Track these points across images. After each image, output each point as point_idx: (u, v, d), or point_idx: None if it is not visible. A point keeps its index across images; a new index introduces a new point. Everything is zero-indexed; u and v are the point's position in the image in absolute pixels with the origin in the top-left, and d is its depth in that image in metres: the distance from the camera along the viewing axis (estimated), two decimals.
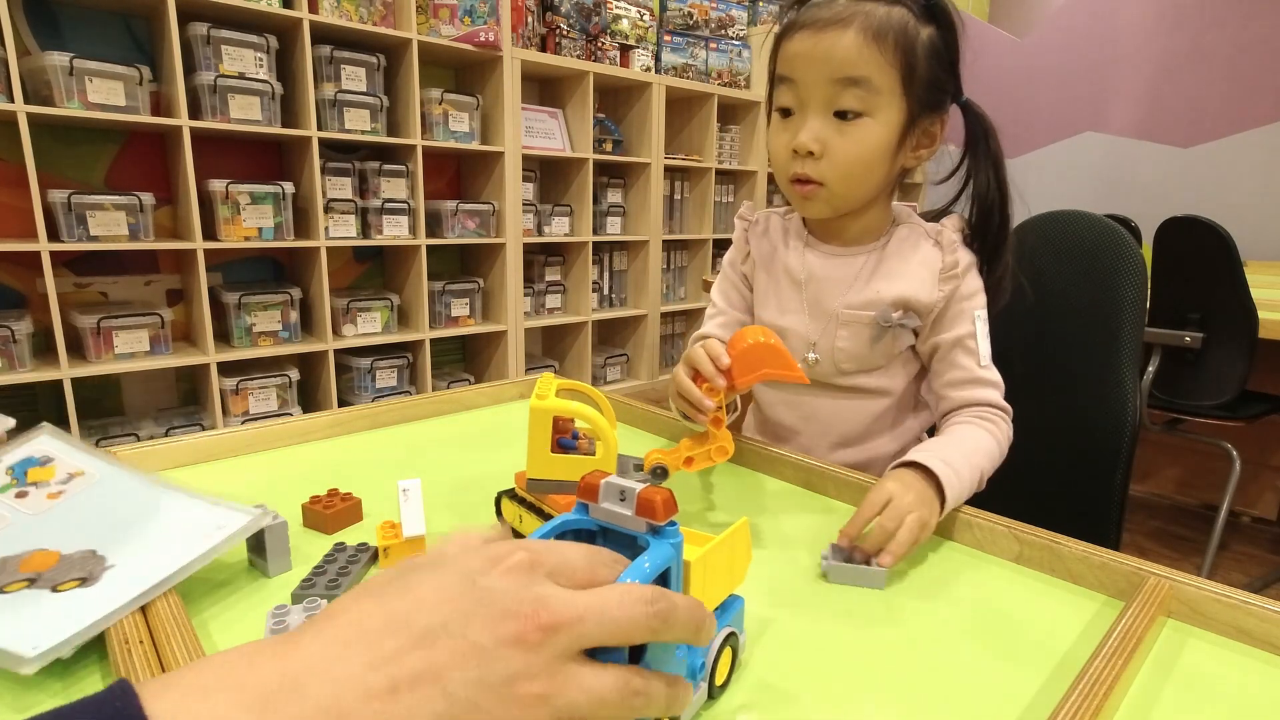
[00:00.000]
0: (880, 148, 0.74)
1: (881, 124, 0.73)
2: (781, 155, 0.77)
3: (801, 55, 0.73)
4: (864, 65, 0.71)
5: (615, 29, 2.93)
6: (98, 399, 2.11)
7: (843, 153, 0.73)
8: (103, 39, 1.99)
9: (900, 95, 0.73)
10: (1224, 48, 3.19)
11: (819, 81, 0.72)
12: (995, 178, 0.79)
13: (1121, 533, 0.90)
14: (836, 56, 0.71)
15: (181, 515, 0.56)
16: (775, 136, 0.78)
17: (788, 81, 0.75)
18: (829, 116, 0.73)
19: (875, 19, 0.71)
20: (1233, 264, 1.75)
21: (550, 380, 0.64)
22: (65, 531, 0.52)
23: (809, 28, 0.72)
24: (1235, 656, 0.49)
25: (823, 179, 0.74)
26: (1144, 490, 2.51)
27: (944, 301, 0.77)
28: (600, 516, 0.38)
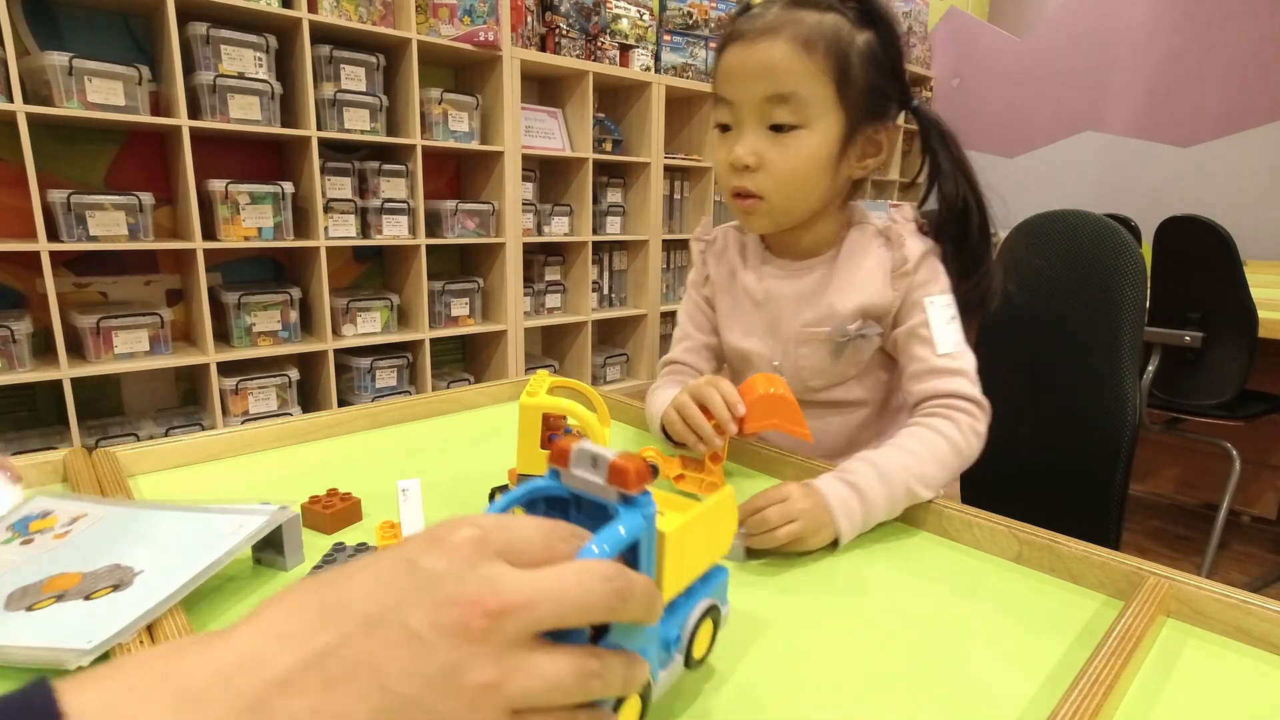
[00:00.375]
0: (818, 159, 0.72)
1: (818, 134, 0.71)
2: (723, 170, 0.76)
3: (734, 71, 0.72)
4: (794, 78, 0.69)
5: (615, 28, 2.93)
6: (97, 399, 2.11)
7: (779, 166, 0.72)
8: (102, 39, 1.99)
9: (836, 105, 0.71)
10: (1224, 48, 3.19)
11: (751, 98, 0.71)
12: (964, 182, 0.76)
13: (1121, 532, 0.90)
14: (766, 70, 0.69)
15: (197, 525, 0.56)
16: (717, 151, 0.78)
17: (723, 100, 0.74)
18: (764, 130, 0.72)
19: (805, 28, 0.69)
20: (1232, 263, 1.75)
21: (543, 378, 0.65)
22: (82, 556, 0.51)
23: (741, 39, 0.71)
24: (1235, 656, 0.49)
25: (762, 192, 0.73)
26: (1144, 490, 2.51)
27: (900, 299, 0.75)
28: (571, 484, 0.36)
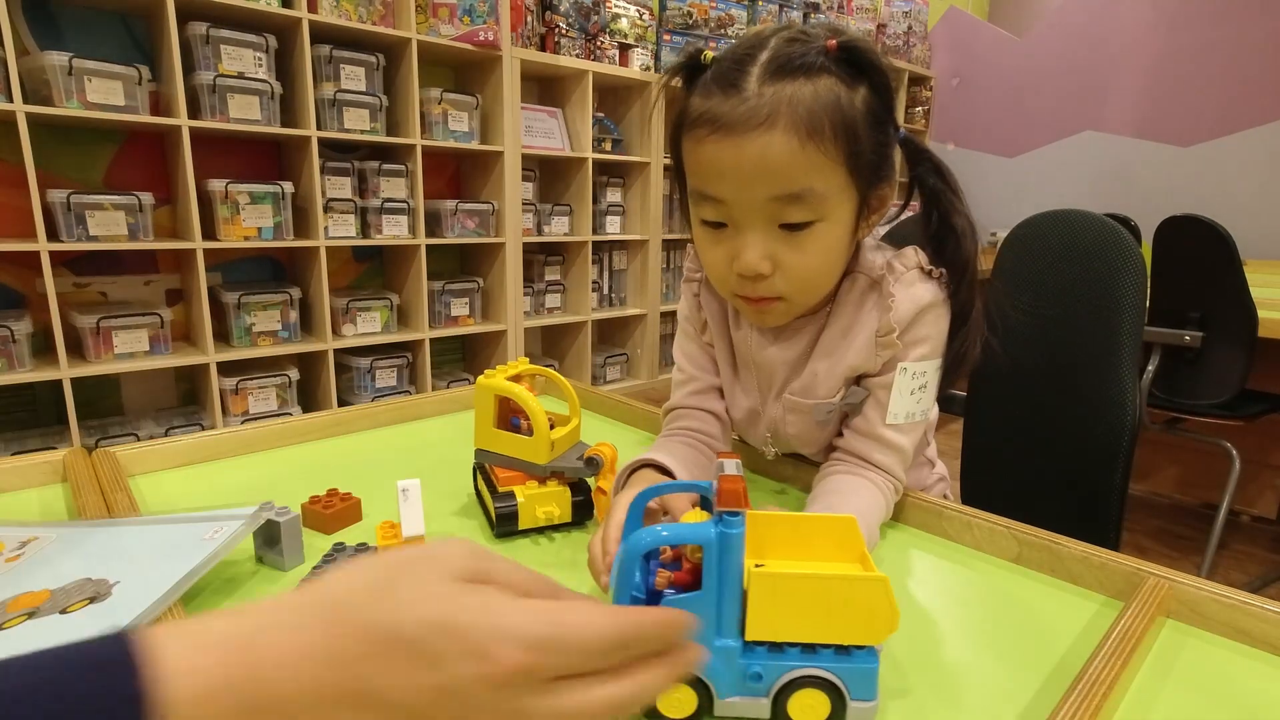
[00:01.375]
0: (838, 246, 0.62)
1: (836, 223, 0.61)
2: (720, 270, 0.64)
3: (725, 171, 0.59)
4: (806, 174, 0.58)
5: (614, 28, 2.93)
6: (97, 399, 2.11)
7: (798, 266, 0.61)
8: (102, 39, 1.99)
9: (850, 185, 0.60)
10: (1224, 47, 3.19)
11: (752, 201, 0.59)
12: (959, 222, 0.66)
13: (1121, 531, 0.90)
14: (769, 170, 0.57)
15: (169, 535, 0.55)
16: (708, 250, 0.64)
17: (709, 199, 0.61)
18: (773, 229, 0.60)
19: (803, 107, 0.56)
20: (1232, 263, 1.75)
21: (517, 364, 0.68)
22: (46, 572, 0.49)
23: (723, 131, 0.58)
24: (1234, 657, 0.49)
25: (778, 294, 0.63)
26: (1144, 489, 2.51)
27: (880, 362, 0.67)
28: None
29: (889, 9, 4.04)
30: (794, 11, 3.55)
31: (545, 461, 0.63)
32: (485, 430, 0.66)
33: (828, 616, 0.39)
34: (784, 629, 0.40)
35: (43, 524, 0.57)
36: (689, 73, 0.64)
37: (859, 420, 0.69)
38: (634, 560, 0.40)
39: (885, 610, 0.39)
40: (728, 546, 0.38)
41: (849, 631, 0.40)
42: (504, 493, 0.63)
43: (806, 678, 0.40)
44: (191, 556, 0.50)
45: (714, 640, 0.40)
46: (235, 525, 0.54)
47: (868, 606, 0.39)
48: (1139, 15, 3.42)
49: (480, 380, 0.65)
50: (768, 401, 0.73)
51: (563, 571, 0.58)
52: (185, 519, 0.57)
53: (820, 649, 0.40)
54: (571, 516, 0.65)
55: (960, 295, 0.66)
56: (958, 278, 0.66)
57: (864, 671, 0.40)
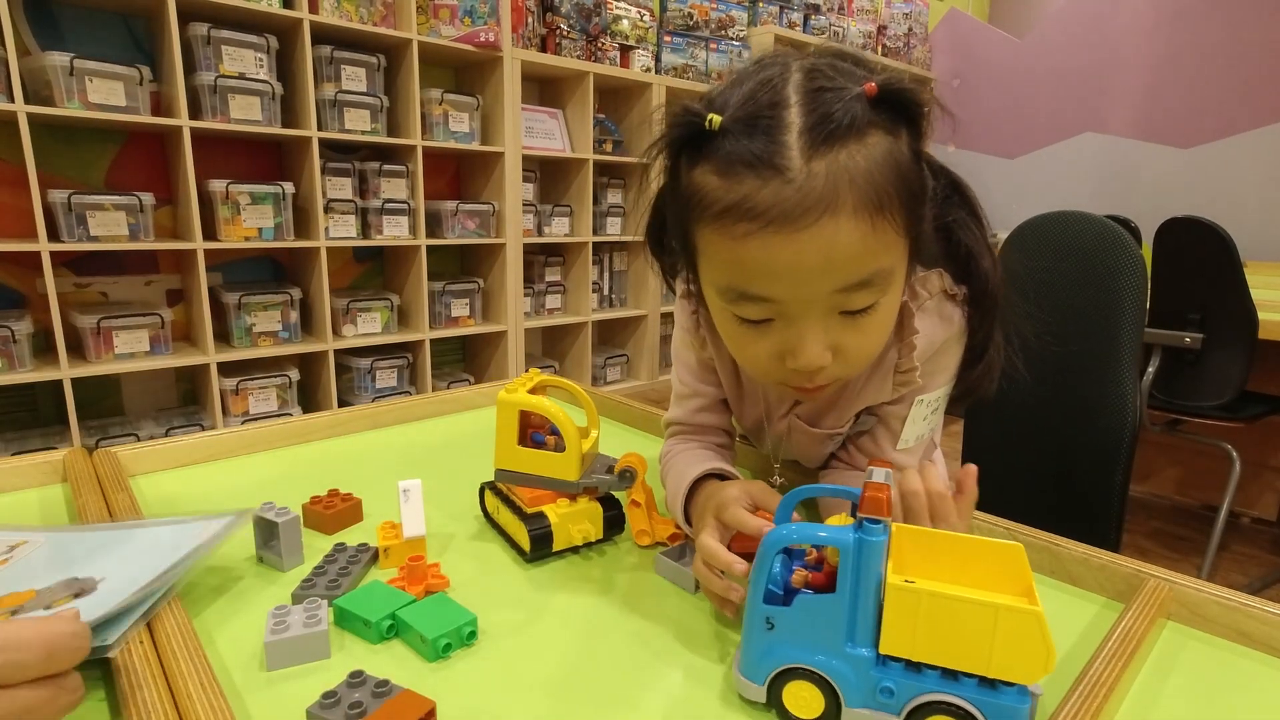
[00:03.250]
0: (894, 312, 0.55)
1: (895, 293, 0.54)
2: (761, 363, 0.55)
3: (779, 271, 0.49)
4: (876, 257, 0.49)
5: (615, 29, 2.93)
6: (98, 399, 2.11)
7: (860, 349, 0.53)
8: (103, 39, 1.99)
9: (908, 247, 0.53)
10: (1224, 48, 3.20)
11: (815, 296, 0.50)
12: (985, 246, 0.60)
13: (1121, 533, 0.90)
14: (835, 263, 0.48)
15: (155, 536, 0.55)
16: (746, 344, 0.55)
17: (754, 299, 0.51)
18: (834, 318, 0.51)
19: (862, 180, 0.47)
20: (1233, 264, 1.75)
21: (531, 376, 0.64)
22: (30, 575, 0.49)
23: (772, 224, 0.47)
24: (1235, 659, 0.49)
25: (834, 376, 0.55)
26: (1144, 490, 2.51)
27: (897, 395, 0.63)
28: None
29: (889, 10, 4.05)
30: (794, 13, 3.55)
31: (578, 478, 0.60)
32: (508, 449, 0.60)
33: (971, 644, 0.37)
34: (921, 649, 0.38)
35: (32, 528, 0.57)
36: (686, 142, 0.51)
37: (868, 442, 0.66)
38: (772, 553, 0.41)
39: (1038, 647, 0.36)
40: (865, 553, 0.39)
41: (994, 664, 0.37)
42: (534, 514, 0.59)
43: (943, 704, 0.38)
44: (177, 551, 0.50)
45: (845, 647, 0.40)
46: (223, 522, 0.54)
47: (1017, 640, 0.36)
48: (1139, 17, 3.42)
49: (502, 396, 0.60)
50: (773, 419, 0.70)
51: (598, 593, 0.56)
52: (177, 521, 0.57)
53: (964, 677, 0.38)
54: (604, 533, 0.62)
55: (980, 329, 0.61)
56: (979, 311, 0.60)
57: (1009, 710, 0.37)
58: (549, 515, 0.59)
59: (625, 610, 0.53)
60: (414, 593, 0.52)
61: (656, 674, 0.46)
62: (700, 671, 0.46)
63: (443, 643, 0.46)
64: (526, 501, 0.61)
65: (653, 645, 0.49)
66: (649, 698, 0.44)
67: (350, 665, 0.43)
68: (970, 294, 0.60)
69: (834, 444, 0.69)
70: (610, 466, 0.63)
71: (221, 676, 0.42)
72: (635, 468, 0.62)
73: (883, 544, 0.39)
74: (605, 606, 0.54)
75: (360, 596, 0.50)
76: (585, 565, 0.60)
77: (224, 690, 0.39)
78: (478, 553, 0.62)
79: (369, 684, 0.41)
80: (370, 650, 0.47)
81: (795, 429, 0.68)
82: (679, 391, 0.73)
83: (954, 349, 0.62)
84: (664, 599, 0.55)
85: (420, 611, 0.49)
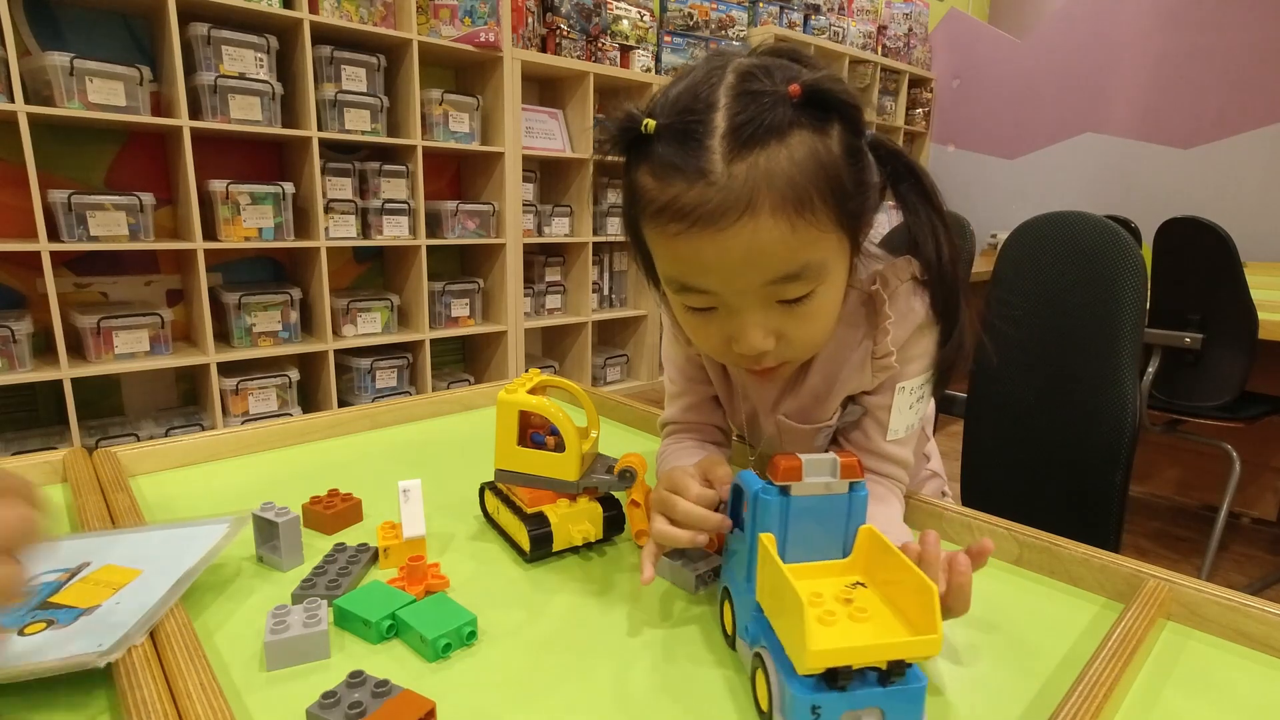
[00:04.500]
0: (838, 299, 0.58)
1: (834, 282, 0.56)
2: (715, 347, 0.59)
3: (708, 266, 0.52)
4: (801, 252, 0.51)
5: (615, 30, 2.93)
6: (98, 399, 2.11)
7: (801, 334, 0.57)
8: (103, 39, 1.99)
9: (844, 238, 0.55)
10: (1224, 48, 3.20)
11: (746, 287, 0.53)
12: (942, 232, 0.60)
13: (1121, 533, 0.90)
14: (760, 259, 0.51)
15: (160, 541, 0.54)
16: (697, 330, 0.59)
17: (695, 290, 0.55)
18: (772, 306, 0.55)
19: (782, 179, 0.49)
20: (1233, 265, 1.75)
21: (531, 376, 0.65)
22: None
23: (700, 225, 0.50)
24: (1234, 659, 0.49)
25: (783, 358, 0.59)
26: (1144, 491, 2.51)
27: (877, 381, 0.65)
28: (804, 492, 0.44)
29: (889, 10, 4.05)
30: (794, 13, 3.55)
31: (577, 478, 0.60)
32: (507, 449, 0.61)
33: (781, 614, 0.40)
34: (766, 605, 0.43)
35: None
36: (629, 144, 0.54)
37: (858, 435, 0.67)
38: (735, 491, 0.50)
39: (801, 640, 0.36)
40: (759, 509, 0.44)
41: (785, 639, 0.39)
42: (534, 514, 0.59)
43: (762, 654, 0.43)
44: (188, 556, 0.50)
45: (745, 587, 0.46)
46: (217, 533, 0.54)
47: (795, 629, 0.37)
48: (1139, 17, 3.42)
49: (502, 397, 0.60)
50: (763, 415, 0.71)
51: (598, 593, 0.56)
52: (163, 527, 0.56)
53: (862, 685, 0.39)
54: (604, 533, 0.62)
55: (941, 302, 0.62)
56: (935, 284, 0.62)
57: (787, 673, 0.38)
58: (549, 515, 0.59)
59: (625, 610, 0.53)
60: (414, 593, 0.52)
61: (656, 674, 0.46)
62: (701, 671, 0.46)
63: (443, 643, 0.46)
64: (526, 502, 0.61)
65: (653, 645, 0.49)
66: (649, 697, 0.44)
67: (350, 665, 0.43)
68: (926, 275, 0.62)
69: (825, 440, 0.70)
70: (610, 466, 0.63)
71: (221, 676, 0.42)
72: (635, 468, 0.62)
73: (774, 504, 0.44)
74: (605, 606, 0.54)
75: (360, 596, 0.50)
76: (585, 565, 0.60)
77: (224, 690, 0.39)
78: (478, 553, 0.62)
79: (369, 684, 0.41)
80: (370, 650, 0.47)
81: (784, 428, 0.69)
82: (671, 391, 0.75)
83: (928, 333, 0.63)
84: (664, 599, 0.55)
85: (420, 611, 0.49)
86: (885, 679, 0.37)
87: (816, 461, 0.44)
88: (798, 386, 0.67)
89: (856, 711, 0.37)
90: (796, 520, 0.44)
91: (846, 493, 0.44)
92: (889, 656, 0.37)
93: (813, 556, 0.44)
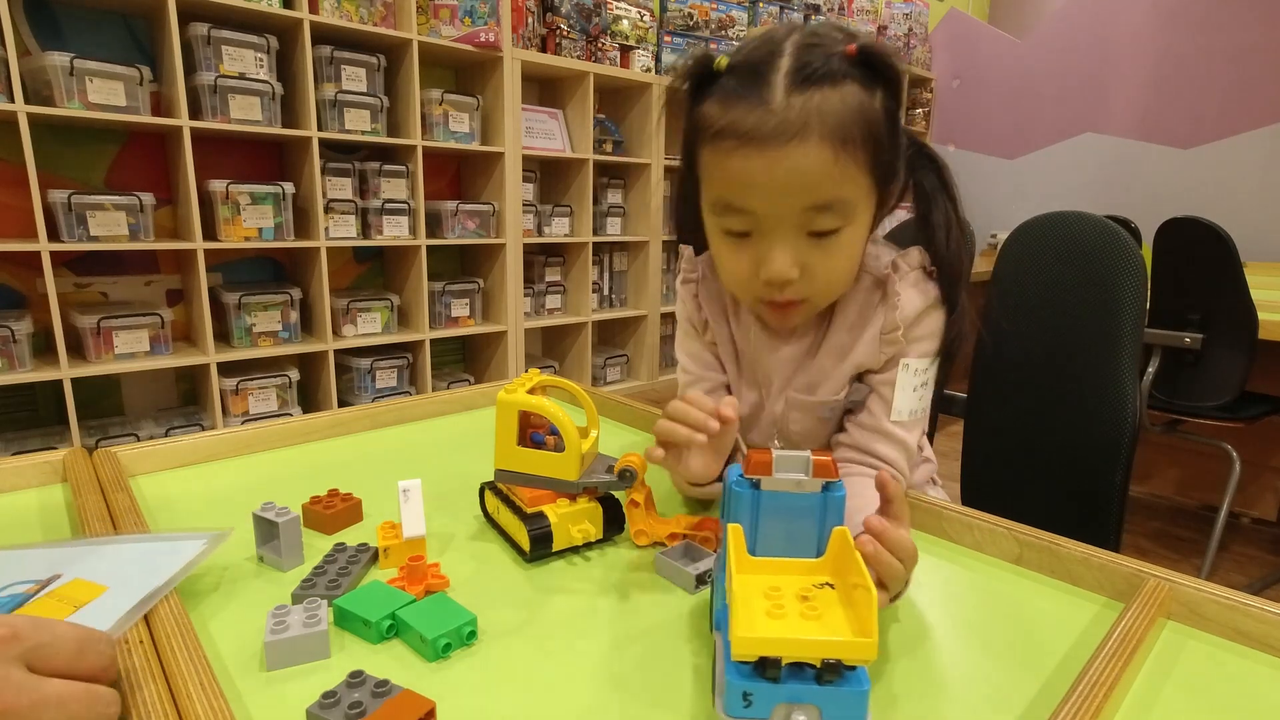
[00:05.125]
0: (860, 246, 0.65)
1: (859, 225, 0.63)
2: (743, 278, 0.65)
3: (755, 183, 0.59)
4: (837, 185, 0.59)
5: (615, 30, 2.93)
6: (98, 399, 2.11)
7: (825, 270, 0.63)
8: (103, 39, 1.99)
9: (872, 188, 0.62)
10: (1224, 48, 3.19)
11: (785, 211, 0.60)
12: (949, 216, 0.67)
13: (1122, 533, 0.90)
14: (803, 182, 0.58)
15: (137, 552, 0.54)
16: (729, 258, 0.65)
17: (737, 210, 0.61)
18: (802, 237, 0.61)
19: (833, 118, 0.57)
20: (1233, 265, 1.75)
21: (530, 376, 0.65)
22: None
23: (754, 144, 0.57)
24: (1234, 658, 0.49)
25: (804, 296, 0.64)
26: (1144, 491, 2.51)
27: (885, 358, 0.69)
28: (776, 488, 0.44)
29: (890, 10, 4.05)
30: (794, 13, 3.55)
31: (577, 478, 0.60)
32: (507, 449, 0.61)
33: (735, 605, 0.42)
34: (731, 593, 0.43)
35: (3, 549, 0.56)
36: (699, 79, 0.63)
37: (864, 415, 0.69)
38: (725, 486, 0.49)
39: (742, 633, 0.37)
40: (732, 501, 0.45)
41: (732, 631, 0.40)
42: (534, 514, 0.59)
43: None
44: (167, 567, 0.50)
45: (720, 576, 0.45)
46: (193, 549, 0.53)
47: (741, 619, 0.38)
48: (1139, 17, 3.42)
49: (502, 396, 0.60)
50: (770, 398, 0.73)
51: (597, 593, 0.56)
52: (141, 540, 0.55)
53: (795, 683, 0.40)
54: (604, 533, 0.62)
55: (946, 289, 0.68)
56: (945, 278, 0.68)
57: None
58: (549, 515, 0.59)
59: (625, 610, 0.53)
60: (414, 593, 0.52)
61: (657, 673, 0.46)
62: (702, 670, 0.46)
63: (443, 643, 0.46)
64: (526, 501, 0.61)
65: (653, 644, 0.49)
66: (649, 697, 0.44)
67: (350, 665, 0.43)
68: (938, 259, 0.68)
69: (832, 421, 0.72)
70: (610, 466, 0.63)
71: (221, 676, 0.42)
72: (635, 467, 0.62)
73: (745, 497, 0.44)
74: (605, 606, 0.54)
75: (360, 596, 0.50)
76: (585, 565, 0.60)
77: (224, 690, 0.39)
78: (478, 553, 0.62)
79: (369, 684, 0.41)
80: (370, 650, 0.47)
81: (793, 404, 0.72)
82: (683, 380, 0.80)
83: (934, 316, 0.69)
84: (664, 598, 0.55)
85: (420, 611, 0.49)
86: (820, 677, 0.37)
87: (789, 458, 0.44)
88: (808, 363, 0.71)
89: (790, 705, 0.37)
90: (767, 514, 0.44)
91: (820, 492, 0.44)
92: (820, 654, 0.37)
93: (785, 552, 0.44)
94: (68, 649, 0.35)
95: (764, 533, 0.45)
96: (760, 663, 0.37)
